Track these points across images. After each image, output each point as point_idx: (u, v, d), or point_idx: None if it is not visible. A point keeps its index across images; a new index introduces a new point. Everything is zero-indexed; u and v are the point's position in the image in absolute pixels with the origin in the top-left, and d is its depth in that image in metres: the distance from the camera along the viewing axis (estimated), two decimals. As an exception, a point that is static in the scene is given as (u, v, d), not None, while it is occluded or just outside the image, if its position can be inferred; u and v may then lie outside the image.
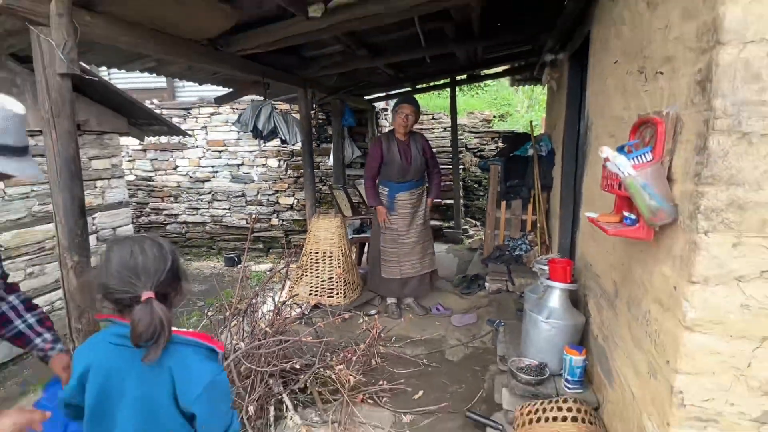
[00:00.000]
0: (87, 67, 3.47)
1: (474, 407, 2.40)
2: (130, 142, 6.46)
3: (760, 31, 1.03)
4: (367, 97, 6.06)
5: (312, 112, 5.24)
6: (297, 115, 4.35)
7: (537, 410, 1.77)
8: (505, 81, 8.95)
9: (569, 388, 2.06)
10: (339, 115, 5.41)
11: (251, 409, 2.11)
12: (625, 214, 1.44)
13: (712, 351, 1.18)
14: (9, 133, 1.06)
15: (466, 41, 3.90)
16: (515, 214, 4.68)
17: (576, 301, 2.44)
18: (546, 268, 2.37)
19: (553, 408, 1.75)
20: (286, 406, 2.28)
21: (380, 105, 6.76)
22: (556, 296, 2.20)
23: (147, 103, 6.23)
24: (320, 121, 6.18)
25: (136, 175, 6.76)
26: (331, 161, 5.74)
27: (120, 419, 1.04)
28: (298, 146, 5.28)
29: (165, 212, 6.80)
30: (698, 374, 1.20)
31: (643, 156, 1.27)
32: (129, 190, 6.65)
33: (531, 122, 4.75)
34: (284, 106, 5.73)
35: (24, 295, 1.38)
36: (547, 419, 1.72)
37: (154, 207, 6.81)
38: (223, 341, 2.40)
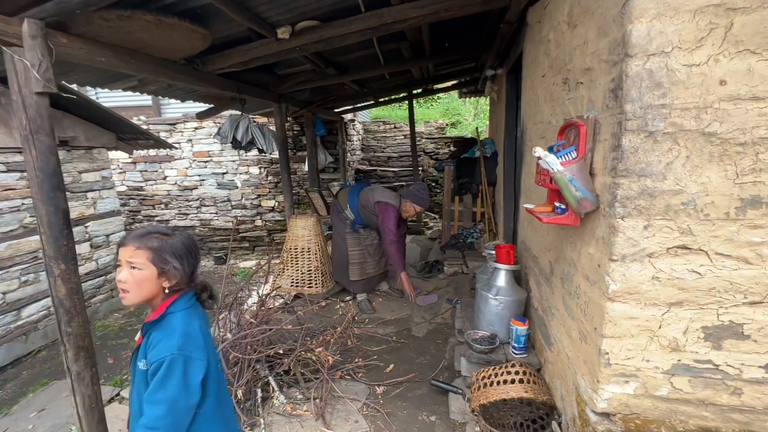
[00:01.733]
0: (73, 86, 3.21)
1: (438, 375, 2.40)
2: (119, 156, 6.07)
3: (661, 45, 1.04)
4: (336, 110, 5.95)
5: (287, 123, 5.08)
6: (273, 127, 4.20)
7: (490, 375, 1.78)
8: (455, 93, 9.04)
9: (516, 354, 2.08)
10: (312, 126, 5.28)
11: (240, 393, 2.02)
12: (556, 204, 1.45)
13: (630, 317, 1.20)
14: None
15: (419, 59, 3.88)
16: (467, 207, 4.73)
17: (519, 279, 2.48)
18: (493, 252, 2.39)
19: (503, 372, 1.76)
20: (272, 388, 2.19)
21: (348, 116, 6.66)
22: (502, 276, 2.22)
23: (134, 120, 5.86)
24: (295, 132, 6.02)
25: (128, 186, 6.36)
26: (306, 167, 5.60)
27: None
28: (276, 155, 5.11)
29: (156, 218, 6.44)
30: (620, 337, 1.22)
31: (569, 154, 1.28)
32: (121, 199, 6.25)
33: (477, 129, 4.81)
34: (262, 119, 5.53)
35: None
36: (498, 382, 1.73)
37: (145, 214, 6.44)
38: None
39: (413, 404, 2.20)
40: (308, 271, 3.60)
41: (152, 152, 6.13)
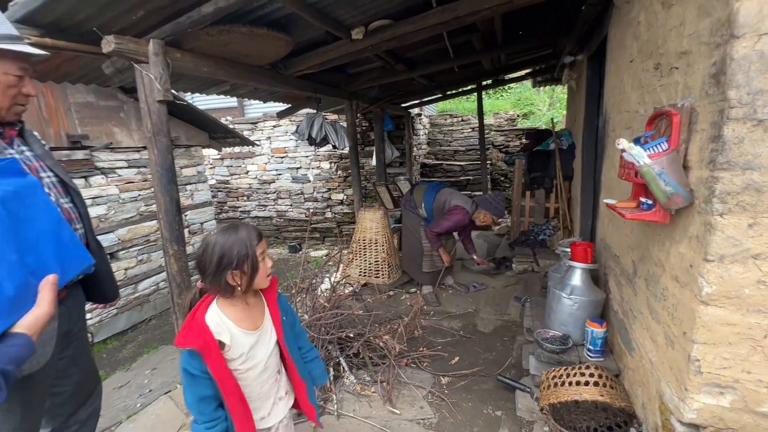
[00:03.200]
0: (176, 93, 3.72)
1: (504, 372, 2.38)
2: (210, 153, 6.83)
3: (774, 23, 0.94)
4: (403, 105, 6.03)
5: (356, 120, 5.29)
6: (344, 124, 4.42)
7: (561, 375, 1.73)
8: (528, 83, 8.60)
9: (591, 357, 1.99)
10: (380, 122, 5.43)
11: (315, 369, 2.21)
12: (642, 199, 1.37)
13: (728, 323, 1.11)
14: (6, 23, 1.08)
15: (490, 50, 3.79)
16: (539, 202, 4.52)
17: (597, 279, 2.35)
18: (568, 250, 2.29)
19: (576, 373, 1.71)
20: (343, 368, 2.37)
21: (415, 111, 6.71)
22: (577, 275, 2.13)
23: (222, 120, 6.55)
24: (364, 128, 6.24)
25: (216, 180, 7.14)
26: (374, 162, 5.79)
27: None
28: (346, 150, 5.36)
29: (240, 209, 7.15)
30: (715, 344, 1.13)
31: (658, 146, 1.20)
32: (211, 192, 7.06)
33: (552, 119, 4.55)
34: (333, 116, 5.82)
35: None
36: (570, 383, 1.68)
37: (231, 205, 7.18)
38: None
39: (478, 397, 2.21)
40: (375, 261, 3.75)
41: (237, 149, 6.79)
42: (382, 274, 3.75)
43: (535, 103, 9.89)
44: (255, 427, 1.13)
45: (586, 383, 1.64)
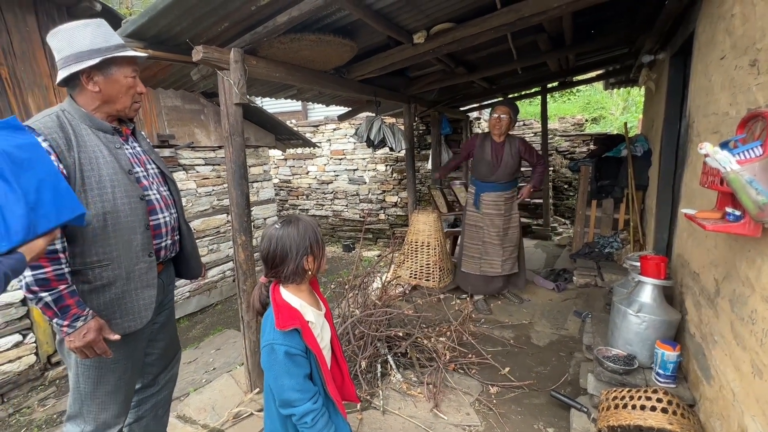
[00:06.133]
0: (249, 97, 4.05)
1: (559, 388, 2.25)
2: (275, 153, 7.30)
3: None
4: (462, 108, 5.96)
5: (414, 123, 5.34)
6: (401, 127, 4.48)
7: (624, 396, 1.61)
8: (599, 85, 8.06)
9: (660, 382, 1.82)
10: (437, 125, 5.43)
11: (363, 363, 2.28)
12: (728, 210, 1.23)
13: (833, 355, 0.96)
14: (115, 36, 1.29)
15: (558, 50, 3.62)
16: (606, 212, 4.21)
17: (671, 298, 2.14)
18: (637, 264, 2.12)
19: (641, 396, 1.57)
20: (390, 366, 2.40)
21: (474, 114, 6.60)
22: (647, 291, 1.96)
23: (287, 123, 6.98)
24: (421, 131, 6.27)
25: (279, 179, 7.61)
26: (429, 165, 5.79)
27: None
28: (402, 153, 5.42)
29: (299, 207, 7.55)
30: (814, 378, 0.99)
31: (750, 151, 1.08)
32: (274, 190, 7.54)
33: (626, 124, 4.22)
34: (391, 120, 5.93)
35: None
36: (634, 406, 1.56)
37: (291, 203, 7.61)
38: (339, 309, 2.62)
39: (528, 411, 2.12)
40: (427, 264, 3.75)
41: (299, 150, 7.18)
42: (433, 278, 3.74)
43: (607, 107, 9.23)
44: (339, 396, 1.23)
45: (653, 408, 1.51)
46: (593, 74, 5.45)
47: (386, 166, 6.63)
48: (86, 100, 1.28)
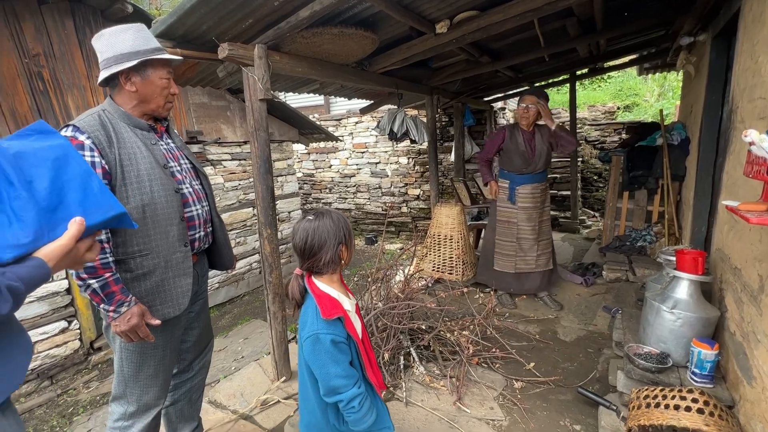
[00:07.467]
0: (273, 93, 4.11)
1: (586, 385, 2.20)
2: (298, 147, 7.39)
3: None
4: (486, 99, 5.83)
5: (436, 114, 5.28)
6: (424, 119, 4.44)
7: (656, 395, 1.55)
8: (632, 70, 7.68)
9: (696, 381, 1.74)
10: (460, 116, 5.34)
11: (386, 355, 2.30)
12: (775, 201, 1.15)
13: None
14: (153, 39, 1.35)
15: (588, 35, 3.47)
16: (639, 204, 4.03)
17: (709, 294, 2.04)
18: (672, 258, 2.03)
19: (675, 396, 1.51)
20: (413, 358, 2.41)
21: (498, 105, 6.44)
22: (683, 287, 1.87)
23: (310, 117, 7.05)
24: (443, 123, 6.18)
25: (303, 173, 7.72)
26: (452, 157, 5.71)
27: None
28: (425, 145, 5.37)
29: (322, 201, 7.64)
30: None
31: (802, 137, 1.01)
32: (298, 184, 7.66)
33: (661, 111, 4.00)
34: (413, 112, 5.88)
35: None
36: (667, 406, 1.50)
37: (315, 197, 7.71)
38: (362, 302, 2.64)
39: (554, 407, 2.09)
40: (450, 257, 3.72)
41: (322, 144, 7.25)
42: (456, 271, 3.71)
43: (641, 93, 8.78)
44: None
45: (687, 408, 1.45)
46: (626, 59, 5.18)
47: (408, 158, 6.59)
48: (124, 99, 1.35)
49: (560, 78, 5.60)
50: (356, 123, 6.86)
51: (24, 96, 2.65)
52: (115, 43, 1.28)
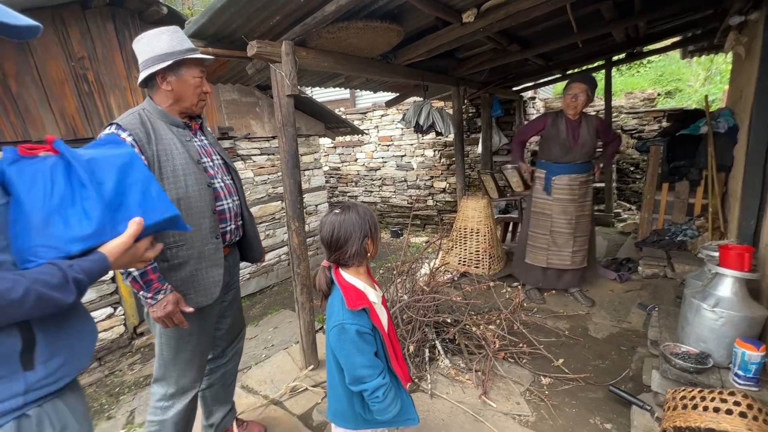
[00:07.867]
0: (300, 88, 4.17)
1: (618, 384, 2.13)
2: (325, 142, 7.49)
3: None
4: (515, 88, 5.66)
5: (463, 106, 5.18)
6: (450, 110, 4.38)
7: (694, 396, 1.49)
8: (675, 54, 7.21)
9: (740, 384, 1.65)
10: (488, 107, 5.22)
11: (411, 347, 2.32)
12: (833, 193, 1.07)
13: None
14: (187, 41, 1.41)
15: (625, 18, 3.28)
16: (680, 197, 3.82)
17: (756, 291, 1.91)
18: (715, 254, 1.91)
19: (715, 398, 1.44)
20: (438, 351, 2.42)
21: (528, 94, 6.23)
22: (727, 284, 1.77)
23: (336, 111, 7.11)
24: (470, 114, 6.07)
25: (329, 167, 7.82)
26: (479, 149, 5.60)
27: None
28: (451, 137, 5.29)
29: (348, 194, 7.72)
30: None
31: None
32: (324, 177, 7.77)
33: (706, 97, 3.75)
34: (439, 104, 5.80)
35: None
36: (706, 408, 1.43)
37: (341, 190, 7.80)
38: (387, 294, 2.67)
39: (584, 405, 2.04)
40: (476, 251, 3.68)
41: (347, 138, 7.30)
42: (483, 265, 3.67)
43: (684, 78, 8.24)
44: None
45: (729, 411, 1.38)
46: (668, 42, 4.86)
47: (434, 151, 6.53)
48: (161, 98, 1.43)
49: (595, 65, 5.35)
50: (381, 116, 6.86)
51: (71, 98, 2.83)
52: (153, 46, 1.36)
